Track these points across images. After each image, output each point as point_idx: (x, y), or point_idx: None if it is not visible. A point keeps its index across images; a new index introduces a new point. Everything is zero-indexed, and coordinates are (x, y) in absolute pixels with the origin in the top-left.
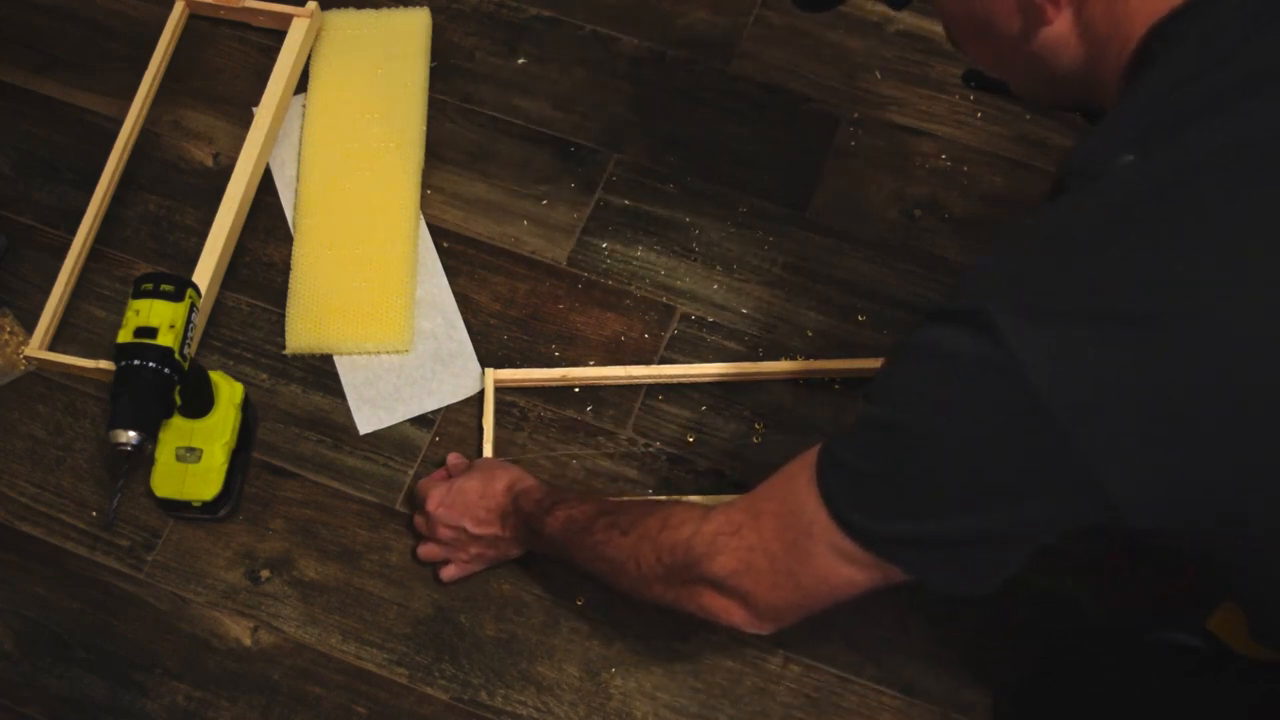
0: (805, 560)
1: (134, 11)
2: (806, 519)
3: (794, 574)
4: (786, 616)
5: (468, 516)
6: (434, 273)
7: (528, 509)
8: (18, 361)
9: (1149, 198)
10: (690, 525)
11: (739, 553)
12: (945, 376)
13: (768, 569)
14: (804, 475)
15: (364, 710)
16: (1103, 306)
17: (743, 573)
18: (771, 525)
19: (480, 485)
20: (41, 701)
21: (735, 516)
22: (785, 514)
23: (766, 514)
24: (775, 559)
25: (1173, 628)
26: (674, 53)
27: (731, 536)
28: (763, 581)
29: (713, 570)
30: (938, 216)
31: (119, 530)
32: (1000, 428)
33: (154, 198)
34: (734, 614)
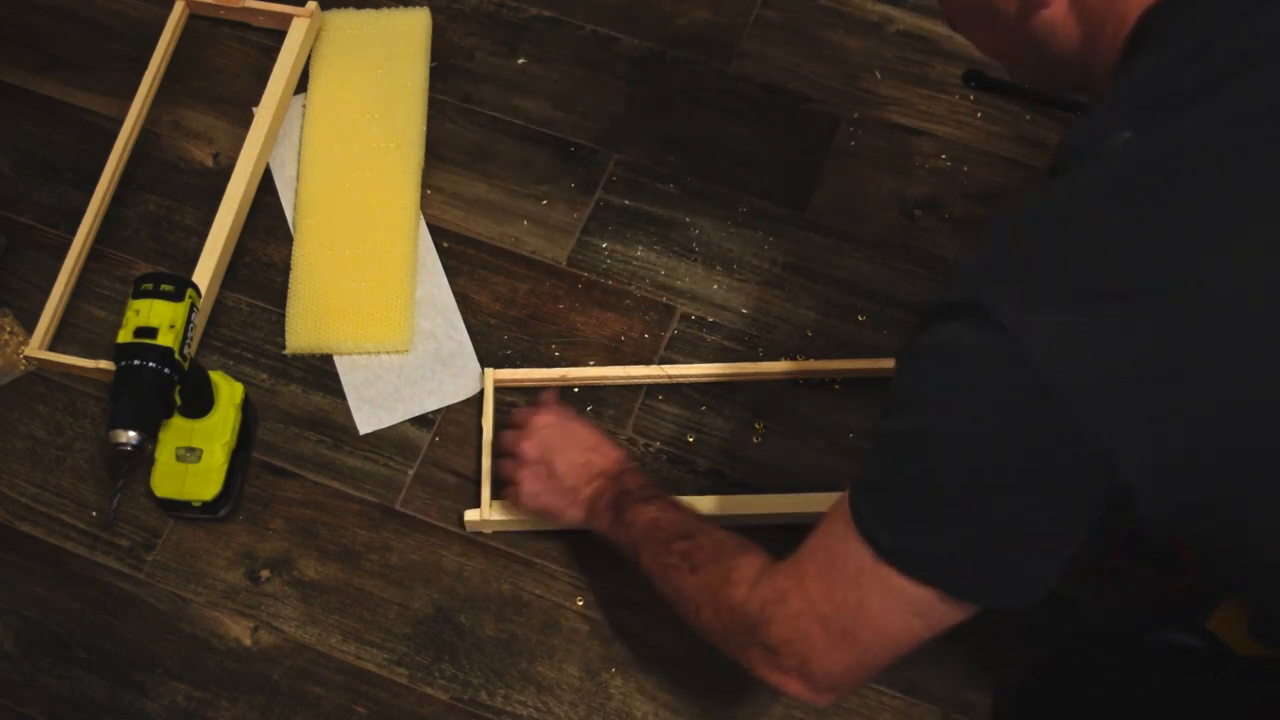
0: (858, 614)
1: (134, 11)
2: (852, 568)
3: (849, 632)
4: (846, 681)
5: (563, 454)
6: (434, 273)
7: (629, 486)
8: (18, 361)
9: (1146, 174)
10: (744, 588)
11: (789, 621)
12: (951, 374)
13: (821, 633)
14: (839, 524)
15: (364, 710)
16: (1101, 285)
17: (795, 640)
18: (817, 586)
19: (595, 438)
20: (41, 701)
21: (780, 583)
22: (829, 570)
23: (810, 575)
24: (828, 621)
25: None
26: (674, 53)
27: (779, 605)
28: (818, 646)
29: (766, 639)
30: (938, 216)
31: (119, 530)
32: (1012, 418)
33: (154, 198)
34: (789, 684)
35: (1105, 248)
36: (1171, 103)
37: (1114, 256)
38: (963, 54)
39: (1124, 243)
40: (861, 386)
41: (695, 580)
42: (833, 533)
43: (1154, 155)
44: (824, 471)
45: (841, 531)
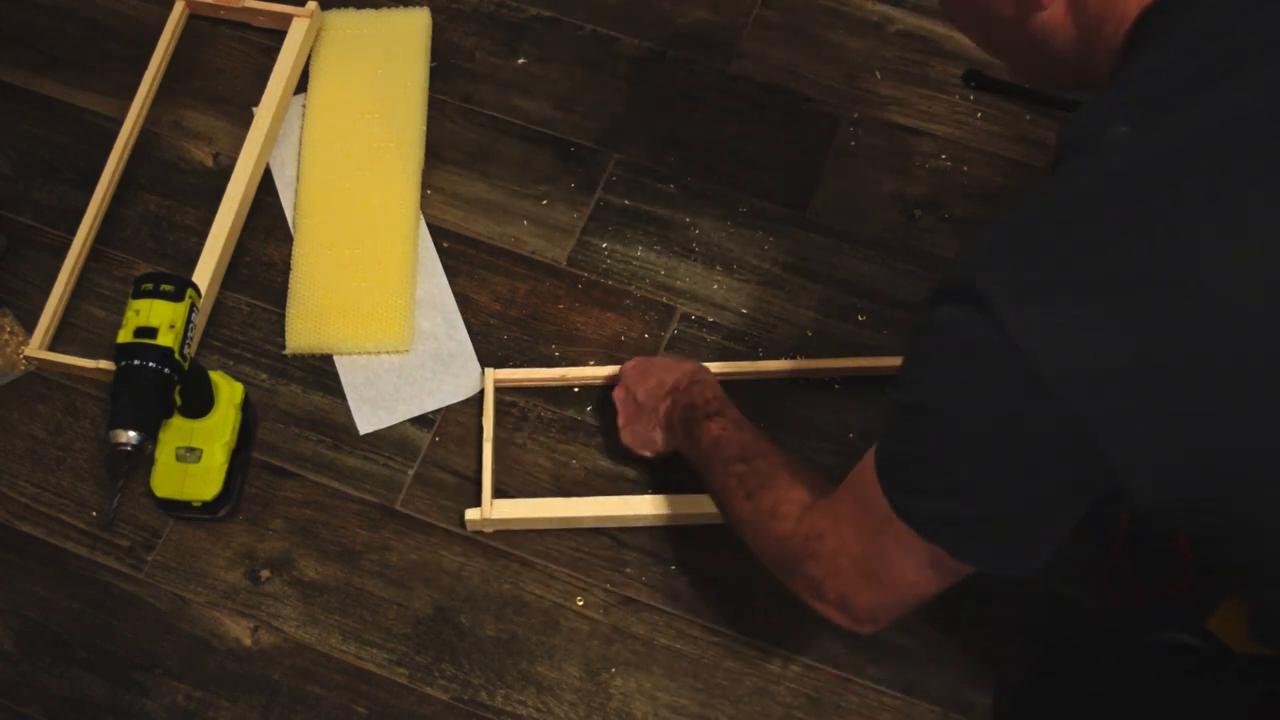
0: (882, 559)
1: (134, 11)
2: (877, 516)
3: (876, 574)
4: (881, 616)
5: (643, 383)
6: (434, 273)
7: (695, 400)
8: (18, 361)
9: (1144, 170)
10: (790, 523)
11: (826, 558)
12: (947, 357)
13: (853, 572)
14: (868, 473)
15: (364, 710)
16: (1095, 276)
17: (833, 576)
18: (849, 529)
19: (668, 361)
20: (41, 701)
21: (819, 522)
22: (859, 515)
23: (843, 517)
24: (858, 561)
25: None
26: (674, 53)
27: (819, 541)
28: (851, 584)
29: (807, 573)
30: (938, 216)
31: (119, 530)
32: (1003, 403)
33: (154, 198)
34: (832, 614)
35: (1101, 241)
36: (1170, 100)
37: (1110, 250)
38: (963, 54)
39: (1121, 238)
40: (861, 386)
41: (749, 507)
42: (864, 480)
43: (1152, 151)
44: (824, 471)
45: (869, 479)
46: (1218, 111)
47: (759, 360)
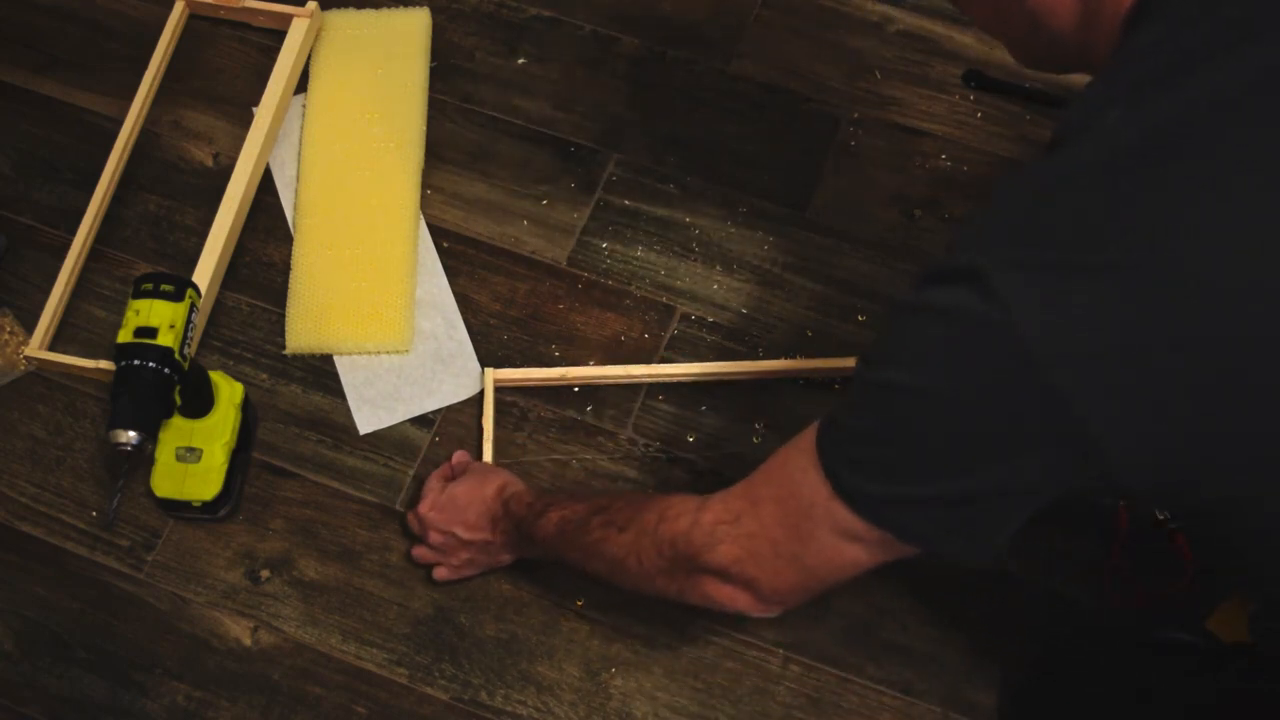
0: (808, 542)
1: (134, 11)
2: (806, 500)
3: (798, 557)
4: (792, 599)
5: (458, 522)
6: (434, 273)
7: (519, 513)
8: (18, 361)
9: (1136, 149)
10: (687, 517)
11: (740, 541)
12: (938, 332)
13: (771, 555)
14: (801, 457)
15: (364, 710)
16: (1089, 258)
17: (745, 560)
18: (771, 511)
19: (471, 490)
20: (41, 701)
21: (733, 504)
22: (784, 498)
23: (765, 500)
24: (778, 544)
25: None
26: (674, 53)
27: (731, 525)
28: (766, 567)
29: (715, 560)
30: (938, 216)
31: (119, 530)
32: (993, 381)
33: (154, 198)
34: (739, 600)
35: (1098, 224)
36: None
37: (1107, 233)
38: (963, 54)
39: (1117, 220)
40: None
41: (626, 536)
42: (792, 462)
43: (1146, 130)
44: None
45: (802, 464)
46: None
47: (759, 360)
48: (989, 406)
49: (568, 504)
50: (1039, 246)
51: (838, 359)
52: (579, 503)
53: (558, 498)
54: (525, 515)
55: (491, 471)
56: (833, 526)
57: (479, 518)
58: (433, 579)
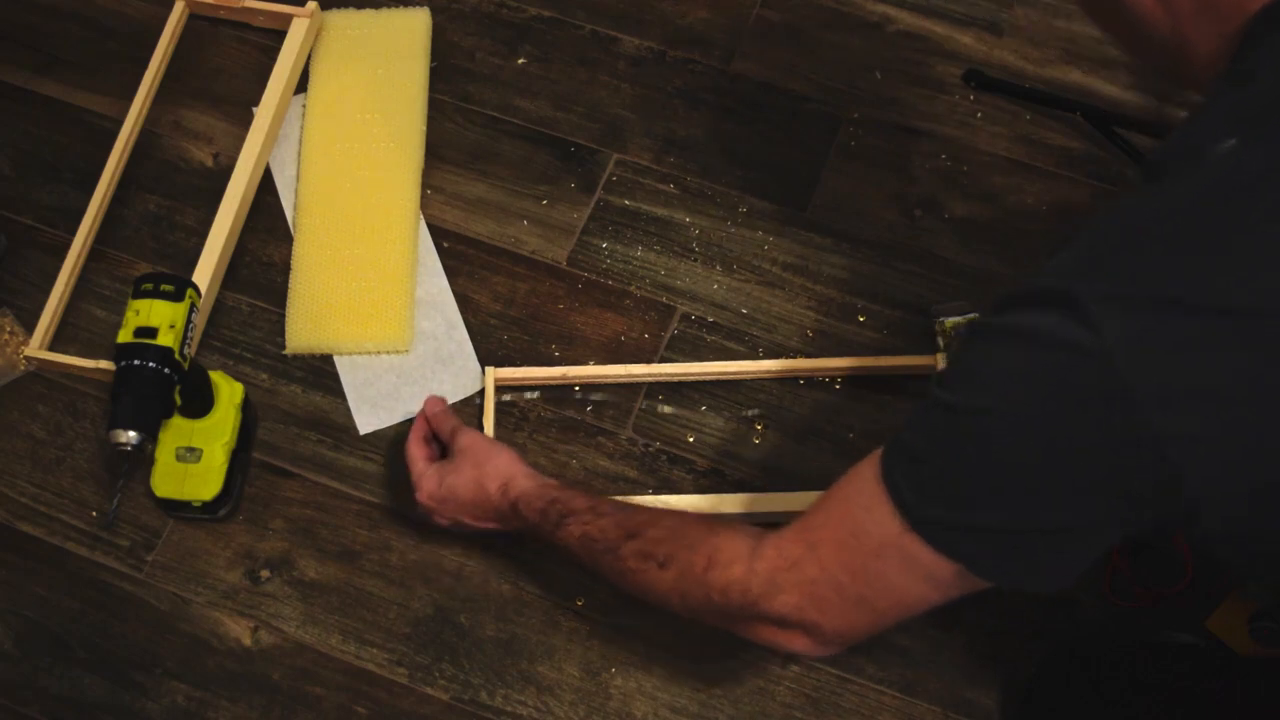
0: (876, 583)
1: (134, 11)
2: (874, 538)
3: (865, 599)
4: (855, 639)
5: (465, 514)
6: (434, 273)
7: (531, 518)
8: (18, 361)
9: (1250, 189)
10: (741, 564)
11: (801, 588)
12: (1027, 358)
13: (835, 599)
14: (863, 492)
15: (364, 710)
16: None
17: (808, 607)
18: (833, 554)
19: (471, 486)
20: (41, 701)
21: (790, 549)
22: (846, 539)
23: (825, 542)
24: (843, 588)
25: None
26: (674, 53)
27: (790, 572)
28: (831, 613)
29: (775, 609)
30: (938, 216)
31: (119, 530)
32: (1084, 412)
33: (154, 198)
34: (798, 643)
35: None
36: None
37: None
38: (963, 54)
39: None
40: (861, 386)
41: (668, 575)
42: (855, 499)
43: (1260, 170)
44: (824, 471)
45: (865, 500)
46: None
47: (759, 360)
48: (1078, 438)
49: (589, 517)
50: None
51: (838, 359)
52: (600, 517)
53: (573, 505)
54: (539, 522)
55: (487, 459)
56: (903, 564)
57: (486, 513)
58: None
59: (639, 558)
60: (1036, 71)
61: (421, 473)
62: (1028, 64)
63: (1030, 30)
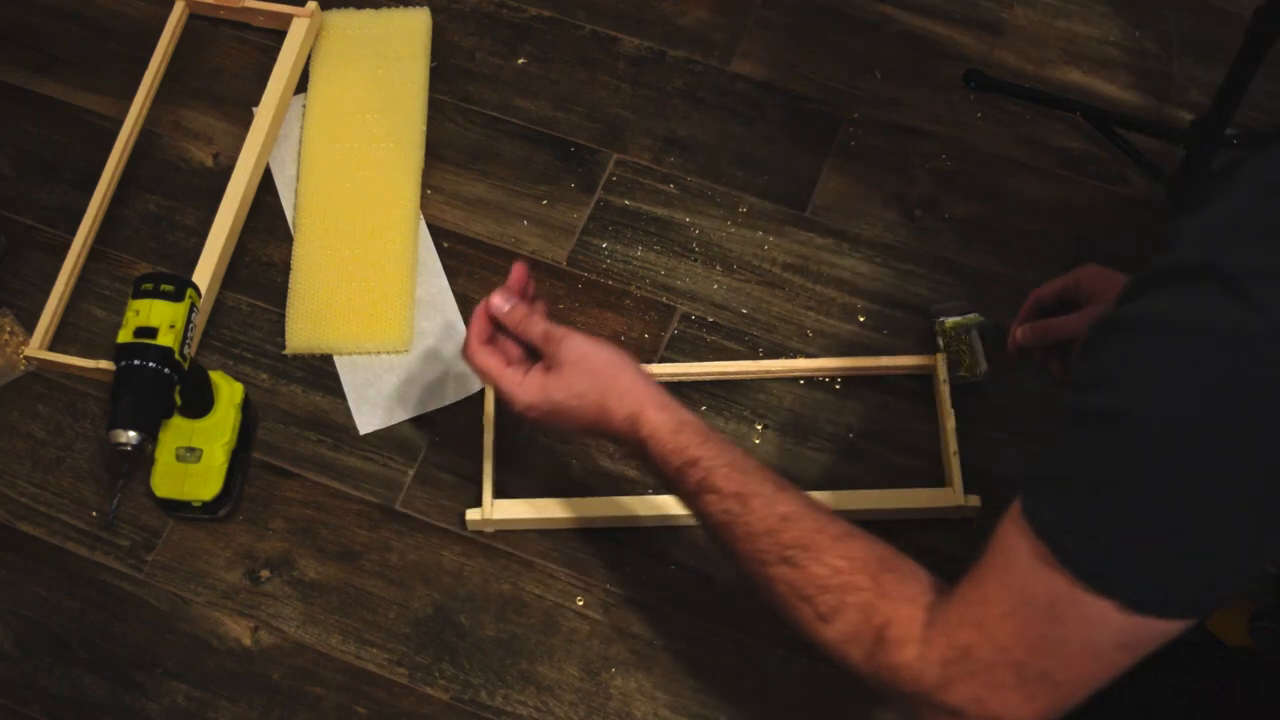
0: (1057, 653)
1: (134, 11)
2: (1044, 600)
3: (1047, 674)
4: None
5: (577, 432)
6: (434, 273)
7: (663, 470)
8: (18, 361)
9: None
10: (914, 647)
11: (978, 676)
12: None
13: (1015, 682)
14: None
15: (364, 710)
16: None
17: (988, 699)
18: (1005, 630)
19: (590, 409)
20: (41, 701)
21: (960, 637)
22: (1015, 608)
23: (994, 619)
24: (1022, 667)
25: None
26: (674, 53)
27: (963, 663)
28: (1012, 700)
29: (952, 702)
30: (938, 216)
31: (119, 530)
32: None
33: (154, 198)
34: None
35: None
36: None
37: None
38: (963, 54)
39: None
40: (861, 386)
41: (830, 631)
42: (1012, 562)
43: None
44: (824, 471)
45: (1025, 559)
46: None
47: (759, 360)
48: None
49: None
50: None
51: (838, 359)
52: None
53: (716, 481)
54: (671, 476)
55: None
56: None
57: (603, 436)
58: None
59: (794, 593)
60: (1036, 71)
61: (512, 383)
62: (1028, 64)
63: (1030, 30)
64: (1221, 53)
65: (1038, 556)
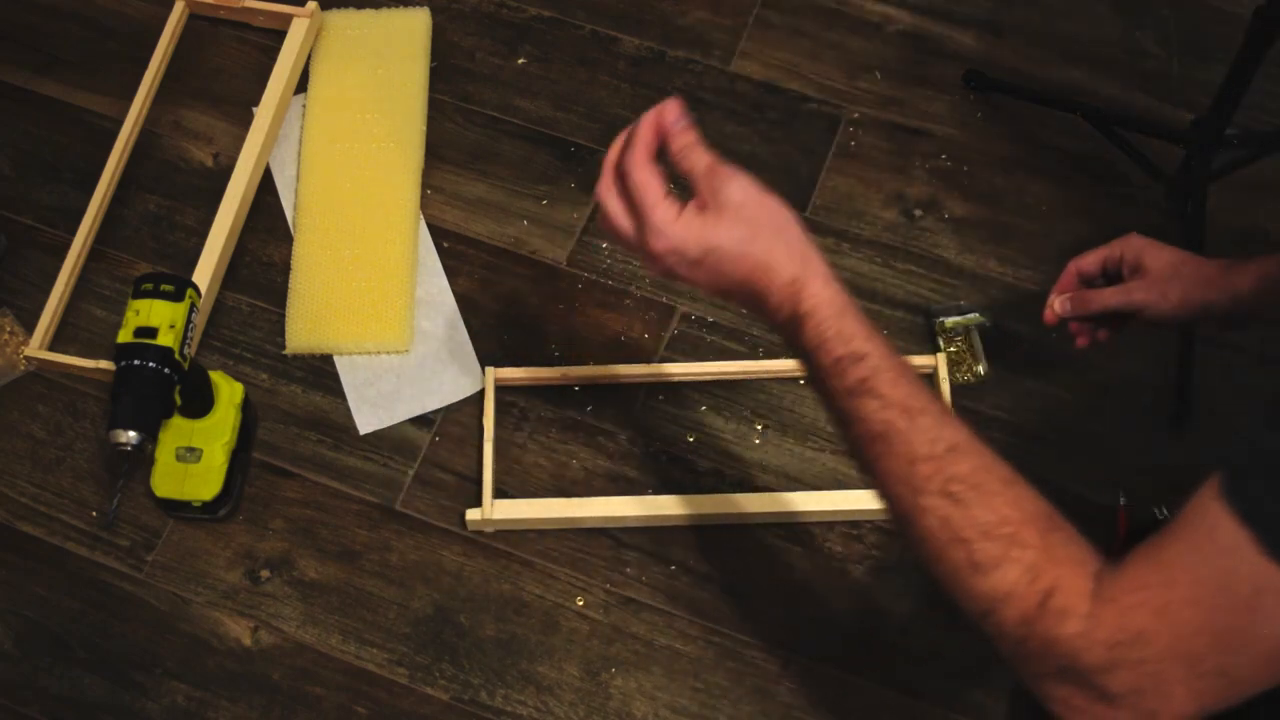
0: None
1: (134, 11)
2: (1246, 591)
3: (1225, 672)
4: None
5: (718, 288)
6: (434, 273)
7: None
8: (18, 361)
9: None
10: (1076, 623)
11: (1144, 667)
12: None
13: (1186, 676)
14: (1218, 531)
15: (364, 710)
16: None
17: (1149, 691)
18: (1189, 619)
19: (747, 265)
20: (41, 701)
21: (1133, 620)
22: (1206, 599)
23: (1177, 605)
24: (1198, 661)
25: None
26: (674, 53)
27: (1134, 647)
28: (1175, 695)
29: (1109, 688)
30: (938, 216)
31: (119, 530)
32: None
33: (154, 198)
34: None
35: None
36: None
37: None
38: (963, 54)
39: None
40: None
41: (982, 583)
42: (1208, 547)
43: None
44: (824, 471)
45: (1225, 545)
46: None
47: (759, 360)
48: None
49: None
50: None
51: None
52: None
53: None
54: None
55: (776, 230)
56: None
57: (747, 301)
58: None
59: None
60: (1036, 71)
61: (666, 216)
62: (1028, 64)
63: (1030, 30)
64: (1221, 53)
65: (1243, 543)
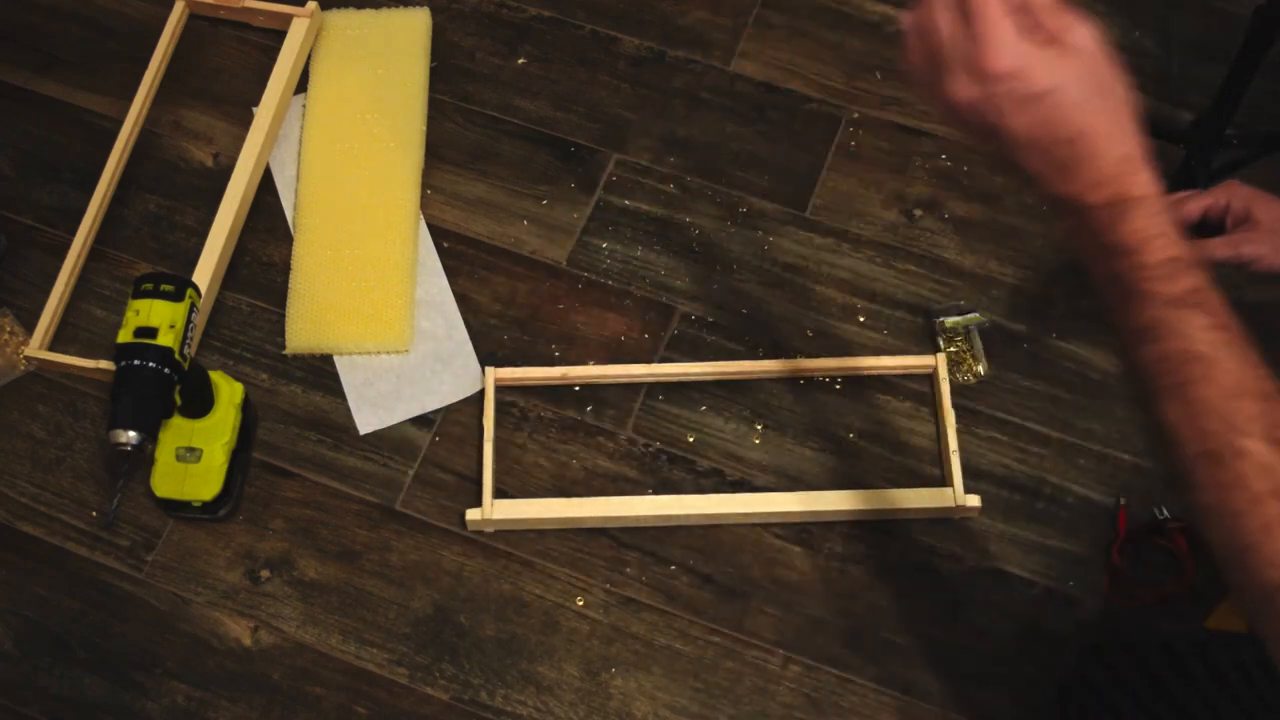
0: None
1: (134, 11)
2: None
3: None
4: None
5: (1031, 137)
6: (434, 273)
7: (1134, 240)
8: (18, 361)
9: None
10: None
11: None
12: None
13: None
14: None
15: (364, 710)
16: None
17: None
18: None
19: (1080, 123)
20: (41, 701)
21: None
22: None
23: None
24: None
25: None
26: (674, 53)
27: None
28: None
29: None
30: (938, 216)
31: (119, 530)
32: None
33: (154, 198)
34: None
35: None
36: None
37: None
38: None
39: None
40: (861, 386)
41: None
42: None
43: None
44: (824, 471)
45: None
46: None
47: (759, 360)
48: None
49: (1223, 324)
50: None
51: (838, 359)
52: (1237, 344)
53: (1210, 285)
54: (1142, 253)
55: (1121, 97)
56: None
57: (1061, 155)
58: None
59: (1269, 483)
60: None
61: (1009, 34)
62: None
63: None
64: (1221, 53)
65: None
